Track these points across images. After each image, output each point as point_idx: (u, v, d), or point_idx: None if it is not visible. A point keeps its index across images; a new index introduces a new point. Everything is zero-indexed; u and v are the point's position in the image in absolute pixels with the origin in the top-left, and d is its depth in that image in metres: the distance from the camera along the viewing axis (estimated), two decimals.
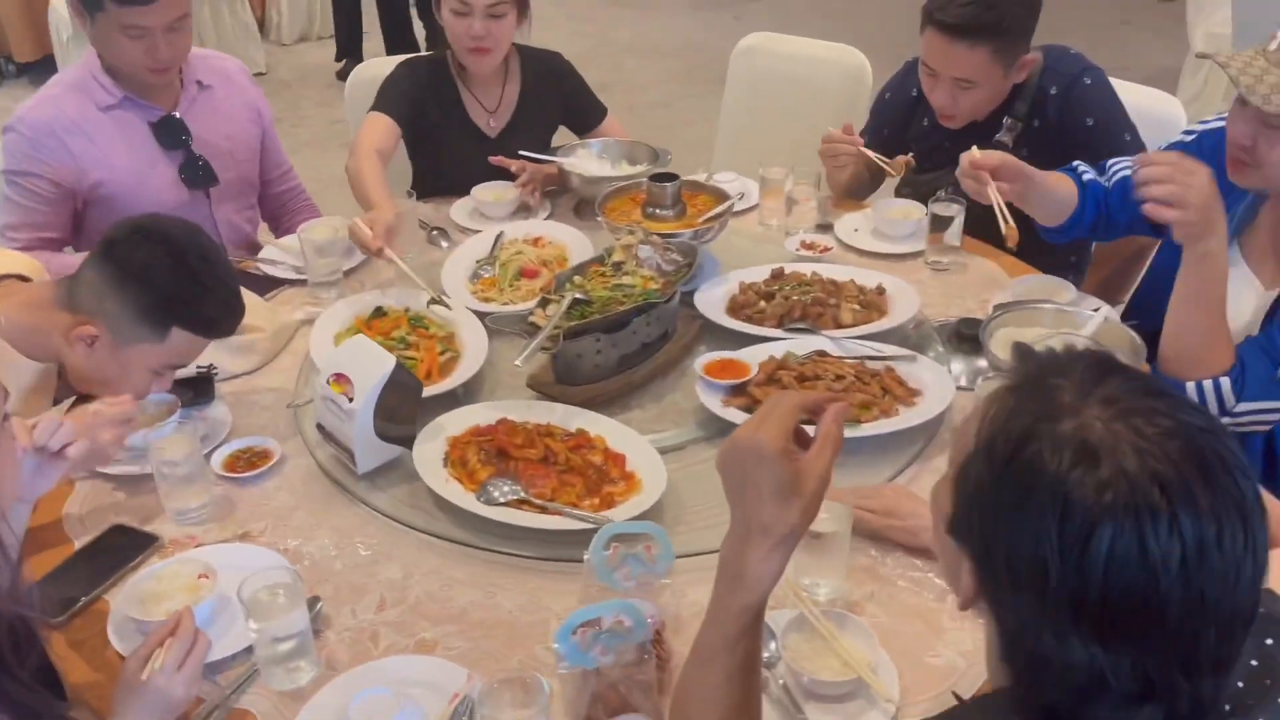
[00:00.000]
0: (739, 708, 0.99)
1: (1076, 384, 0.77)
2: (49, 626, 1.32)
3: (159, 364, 1.57)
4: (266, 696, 1.24)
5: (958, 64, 2.08)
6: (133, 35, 1.99)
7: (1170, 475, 0.72)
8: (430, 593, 1.38)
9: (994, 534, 0.77)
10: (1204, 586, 0.72)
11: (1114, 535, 0.72)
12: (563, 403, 1.68)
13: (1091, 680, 0.75)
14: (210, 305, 1.57)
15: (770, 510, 0.94)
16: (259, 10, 6.26)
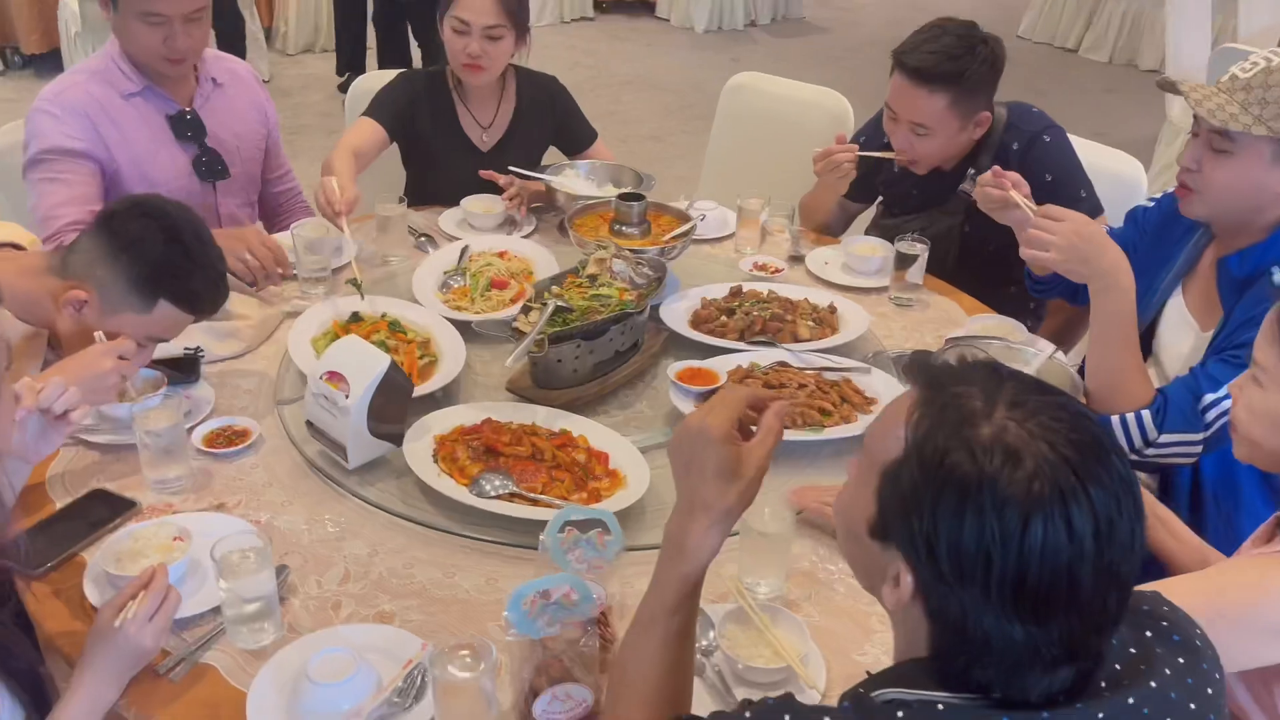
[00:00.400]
0: (672, 671, 1.07)
1: (981, 392, 0.86)
2: (28, 577, 1.38)
3: (142, 334, 1.64)
4: (230, 654, 1.31)
5: (916, 108, 2.20)
6: (152, 23, 2.07)
7: (1077, 460, 0.82)
8: (393, 569, 1.46)
9: (935, 535, 0.84)
10: (1112, 554, 0.82)
11: (1045, 520, 0.80)
12: (542, 405, 1.76)
13: (1025, 653, 0.83)
14: (197, 281, 1.64)
15: (712, 489, 1.03)
16: (266, 20, 6.38)
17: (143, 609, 1.23)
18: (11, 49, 5.88)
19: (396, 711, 1.22)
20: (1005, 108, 2.36)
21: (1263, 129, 1.63)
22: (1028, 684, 0.85)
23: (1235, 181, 1.69)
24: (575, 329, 1.78)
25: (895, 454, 0.88)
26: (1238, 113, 1.63)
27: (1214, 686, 0.92)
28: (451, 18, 2.37)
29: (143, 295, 1.61)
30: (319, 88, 5.94)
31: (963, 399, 0.86)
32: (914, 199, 2.48)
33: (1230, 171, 1.68)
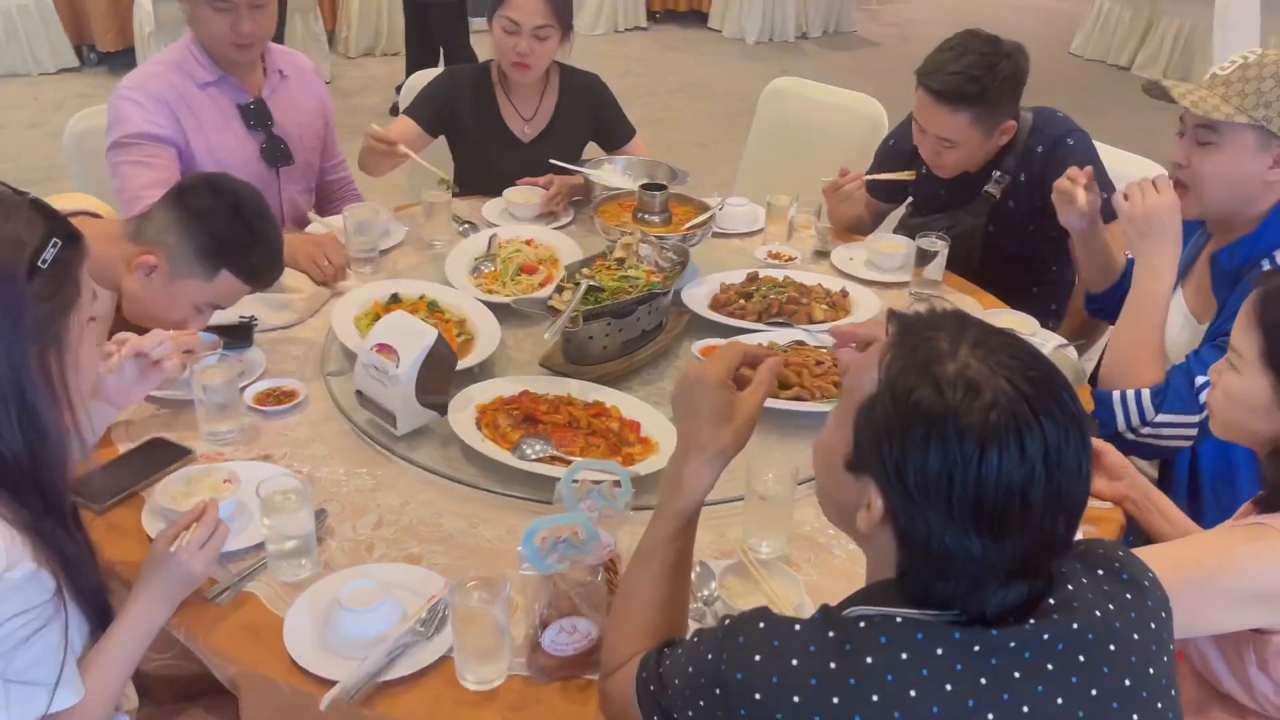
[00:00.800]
0: (668, 600, 1.18)
1: (949, 335, 0.96)
2: (94, 511, 1.53)
3: (203, 300, 1.78)
4: (270, 584, 1.44)
5: (941, 125, 2.27)
6: (219, 9, 2.22)
7: (1032, 394, 0.91)
8: (422, 518, 1.58)
9: (905, 460, 0.93)
10: (1060, 480, 0.91)
11: (1001, 447, 0.90)
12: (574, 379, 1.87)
13: (983, 568, 0.93)
14: (257, 255, 1.78)
15: (707, 430, 1.14)
16: (329, 23, 6.60)
17: (194, 538, 1.35)
18: (88, 47, 6.17)
19: (419, 639, 1.33)
20: (1031, 113, 2.42)
21: (1244, 117, 1.71)
22: (985, 597, 0.93)
23: (1223, 171, 1.77)
24: (606, 308, 1.89)
25: (870, 391, 0.97)
26: (1219, 104, 1.71)
27: (1157, 621, 1.00)
28: (502, 17, 2.50)
29: (207, 265, 1.74)
30: (377, 90, 6.14)
31: (931, 340, 0.95)
32: (941, 199, 2.55)
33: (1217, 162, 1.76)
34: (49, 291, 1.19)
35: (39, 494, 1.20)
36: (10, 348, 1.15)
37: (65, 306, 1.22)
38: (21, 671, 1.14)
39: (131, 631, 1.31)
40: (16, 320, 1.15)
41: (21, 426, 1.17)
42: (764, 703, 0.94)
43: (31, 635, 1.14)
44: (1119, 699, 0.95)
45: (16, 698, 1.14)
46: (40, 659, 1.16)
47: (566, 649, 1.28)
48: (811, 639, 0.95)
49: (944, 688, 0.91)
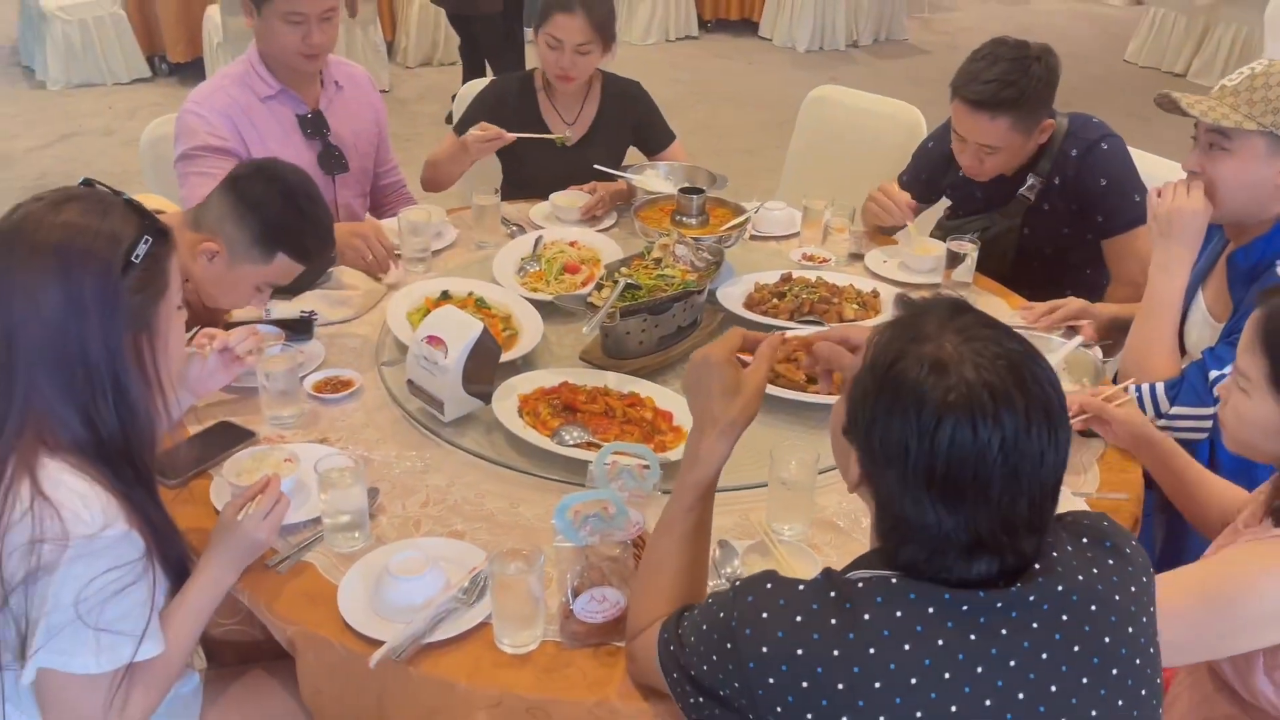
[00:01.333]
0: (688, 566, 1.29)
1: (938, 319, 1.04)
2: (168, 486, 1.66)
3: (261, 281, 1.91)
4: (326, 555, 1.55)
5: (981, 132, 2.33)
6: (293, 21, 2.36)
7: (996, 383, 0.99)
8: (467, 498, 1.69)
9: (872, 427, 1.04)
10: (1018, 465, 0.98)
11: (954, 425, 0.98)
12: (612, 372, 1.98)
13: (938, 536, 1.01)
14: (309, 238, 1.90)
15: (717, 405, 1.25)
16: (389, 34, 6.80)
17: (259, 508, 1.47)
18: (160, 57, 6.42)
19: (461, 606, 1.44)
20: (1067, 118, 2.47)
21: (1253, 124, 1.77)
22: (946, 565, 1.02)
23: (1236, 176, 1.83)
24: (643, 304, 1.99)
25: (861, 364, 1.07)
26: (1228, 112, 1.77)
27: (1138, 585, 1.07)
28: (546, 34, 2.62)
29: (264, 249, 1.86)
30: (434, 98, 6.31)
31: (920, 322, 1.04)
32: (977, 201, 2.61)
33: (1230, 168, 1.83)
34: (142, 283, 1.31)
35: (130, 466, 1.32)
36: (108, 335, 1.28)
37: (156, 296, 1.34)
38: (112, 622, 1.26)
39: (202, 592, 1.43)
40: (114, 309, 1.28)
41: (116, 406, 1.30)
42: (771, 655, 1.03)
43: (122, 590, 1.26)
44: (1099, 655, 1.02)
45: (106, 645, 1.26)
46: (129, 612, 1.28)
47: (596, 616, 1.38)
48: (814, 598, 1.05)
49: (935, 643, 1.00)
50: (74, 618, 1.23)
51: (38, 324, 1.25)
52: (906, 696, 0.98)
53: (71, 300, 1.26)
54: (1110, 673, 1.03)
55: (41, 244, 1.26)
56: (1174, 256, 1.89)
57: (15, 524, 1.22)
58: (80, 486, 1.26)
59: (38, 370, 1.26)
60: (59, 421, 1.28)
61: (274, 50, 2.45)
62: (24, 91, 6.17)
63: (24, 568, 1.22)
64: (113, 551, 1.25)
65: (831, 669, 1.00)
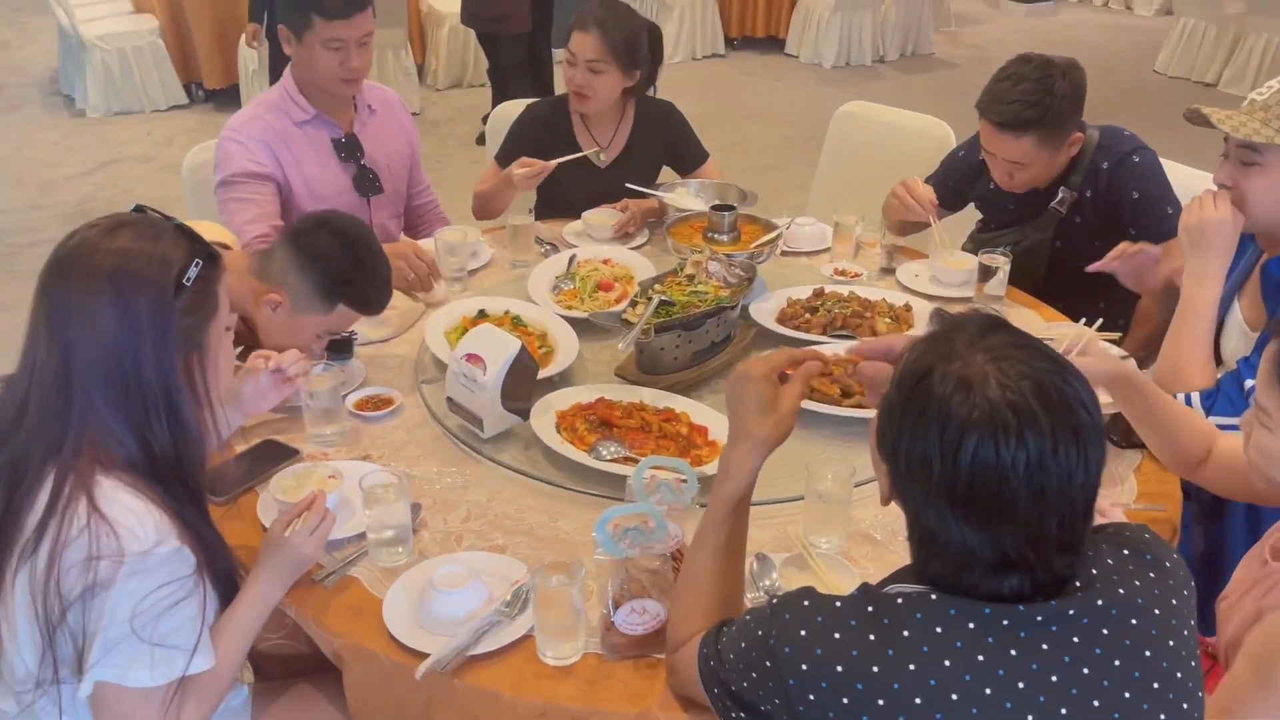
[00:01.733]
0: (722, 578, 1.31)
1: (969, 336, 1.05)
2: (216, 504, 1.70)
3: (321, 330, 1.98)
4: (371, 570, 1.59)
5: (1008, 150, 2.34)
6: (333, 47, 2.42)
7: (1020, 404, 0.99)
8: (507, 513, 1.72)
9: (899, 442, 1.05)
10: (1044, 485, 0.99)
11: (977, 443, 0.99)
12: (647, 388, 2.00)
13: (964, 552, 1.02)
14: (369, 289, 1.96)
15: (752, 419, 1.27)
16: (419, 57, 6.90)
17: (305, 524, 1.51)
18: (196, 84, 6.55)
19: (503, 619, 1.46)
20: (1098, 130, 2.47)
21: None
22: (974, 581, 1.03)
23: (1268, 190, 1.84)
24: (676, 320, 2.01)
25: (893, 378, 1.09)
26: (1259, 127, 1.78)
27: (1179, 599, 1.08)
28: (566, 50, 2.70)
29: (325, 300, 1.93)
30: (465, 120, 6.39)
31: (952, 339, 1.05)
32: (1009, 214, 2.62)
33: (1261, 181, 1.84)
34: (193, 305, 1.35)
35: (182, 484, 1.36)
36: (161, 355, 1.32)
37: (206, 318, 1.39)
38: (165, 636, 1.30)
39: (251, 607, 1.47)
40: (166, 330, 1.32)
41: (169, 424, 1.34)
42: (810, 672, 1.04)
43: (175, 604, 1.30)
44: (1141, 669, 1.03)
45: (160, 659, 1.30)
46: (181, 626, 1.32)
47: (637, 628, 1.40)
48: (852, 614, 1.06)
49: (976, 658, 1.01)
50: (129, 632, 1.27)
51: (94, 345, 1.30)
52: (947, 712, 0.99)
53: (126, 322, 1.30)
54: (1152, 686, 1.03)
55: (97, 269, 1.30)
56: (1206, 267, 1.89)
57: (73, 541, 1.26)
58: (135, 504, 1.30)
59: (93, 390, 1.30)
60: (114, 439, 1.32)
61: (313, 76, 2.50)
62: (65, 120, 6.31)
63: (81, 584, 1.26)
64: (166, 567, 1.29)
65: (871, 685, 1.01)
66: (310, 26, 2.41)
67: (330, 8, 2.39)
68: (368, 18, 2.45)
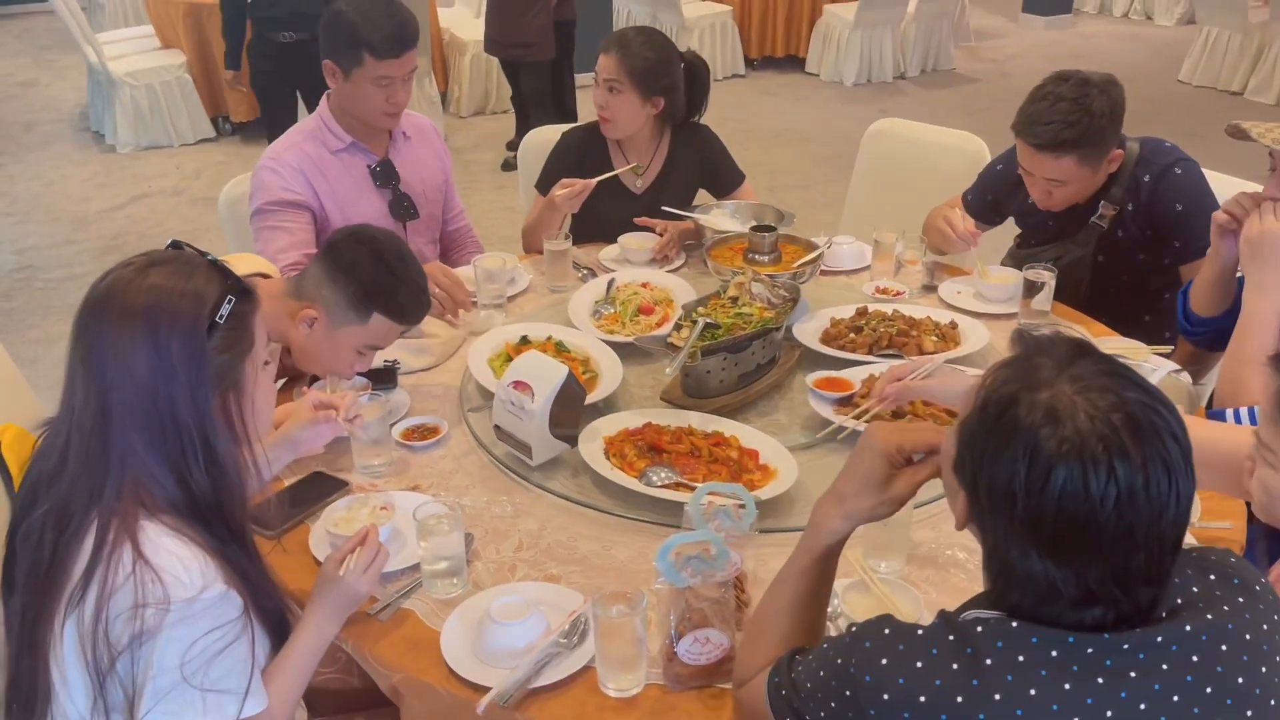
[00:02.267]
0: (796, 629, 1.27)
1: (1055, 363, 1.02)
2: (268, 538, 1.69)
3: (361, 343, 1.95)
4: (426, 601, 1.57)
5: (1047, 170, 2.32)
6: (381, 85, 2.44)
7: (1110, 436, 0.96)
8: (560, 541, 1.70)
9: (981, 470, 1.02)
10: (1133, 520, 0.96)
11: (1065, 477, 0.96)
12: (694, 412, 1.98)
13: (1046, 587, 1.00)
14: (403, 295, 1.93)
15: (854, 487, 1.25)
16: (442, 85, 6.95)
17: (359, 561, 1.49)
18: (223, 118, 6.61)
19: (563, 650, 1.44)
20: (1138, 142, 2.44)
21: None
22: (1054, 614, 1.00)
23: None
24: (722, 343, 2.00)
25: (974, 404, 1.06)
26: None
27: (1270, 624, 1.04)
28: (595, 74, 2.69)
29: (360, 311, 1.91)
30: (489, 147, 6.42)
31: (1036, 365, 1.03)
32: (1049, 229, 2.59)
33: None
34: (228, 343, 1.34)
35: (224, 524, 1.34)
36: (196, 394, 1.30)
37: (242, 355, 1.37)
38: (216, 681, 1.28)
39: (306, 645, 1.45)
40: (201, 368, 1.30)
41: (207, 465, 1.32)
42: (892, 702, 1.02)
43: (224, 649, 1.28)
44: (1233, 695, 1.00)
45: (212, 705, 1.28)
46: (231, 670, 1.30)
47: (701, 658, 1.38)
48: (933, 642, 1.03)
49: (1062, 686, 0.98)
50: (180, 680, 1.25)
51: (131, 386, 1.28)
52: None
53: (160, 361, 1.28)
54: (1245, 714, 1.00)
55: (130, 308, 1.28)
56: (1267, 278, 1.86)
57: (119, 588, 1.24)
58: (179, 549, 1.28)
59: (132, 432, 1.28)
60: (154, 481, 1.30)
61: (358, 110, 2.51)
62: (95, 155, 6.38)
63: (128, 632, 1.23)
64: (213, 612, 1.27)
65: (955, 715, 0.99)
66: (361, 64, 2.42)
67: (383, 48, 2.40)
68: (415, 54, 2.47)
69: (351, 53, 2.42)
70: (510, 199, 5.43)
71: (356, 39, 2.41)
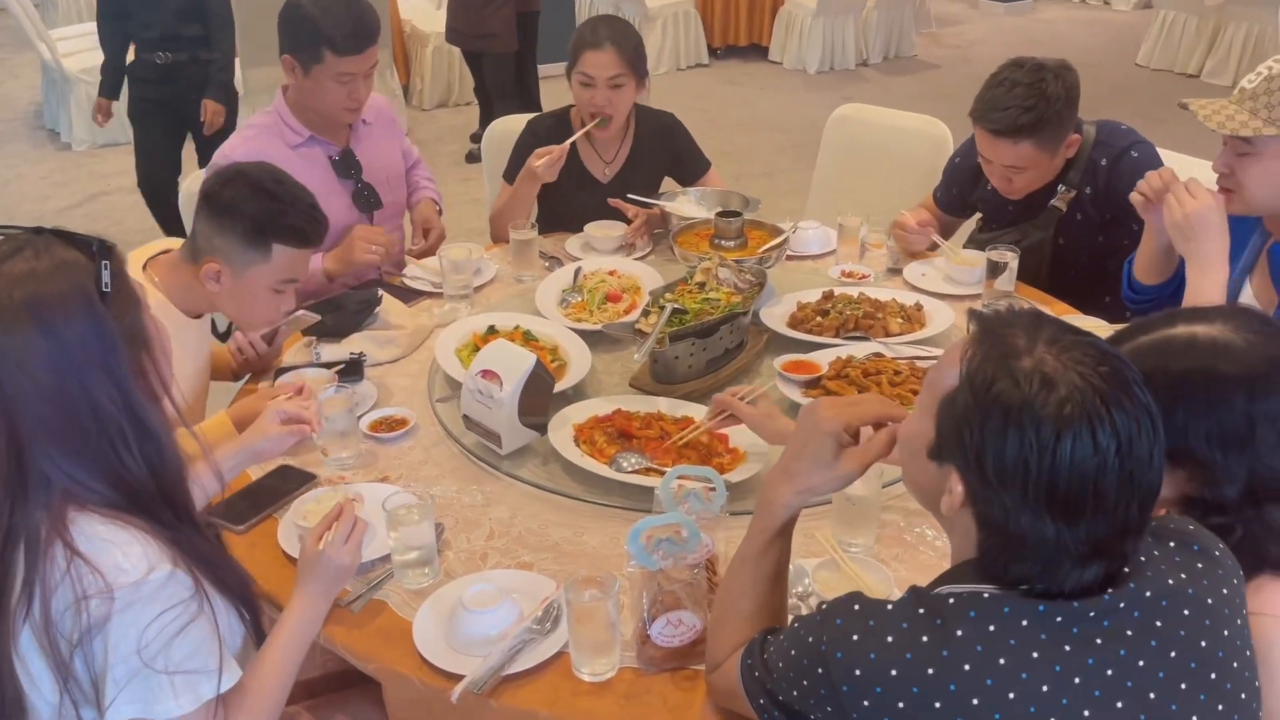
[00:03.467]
0: (761, 608, 1.29)
1: (1026, 332, 1.04)
2: (235, 533, 1.67)
3: (274, 281, 1.89)
4: (398, 592, 1.56)
5: (1005, 156, 2.34)
6: (342, 81, 2.41)
7: (1104, 389, 0.98)
8: (531, 529, 1.70)
9: (983, 448, 1.01)
10: (1133, 469, 0.98)
11: (1074, 438, 0.97)
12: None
13: (1057, 549, 1.01)
14: (294, 216, 1.88)
15: (804, 466, 1.25)
16: (404, 78, 6.89)
17: (338, 534, 1.46)
18: None
19: (536, 637, 1.44)
20: (1095, 126, 2.47)
21: (1273, 129, 1.79)
22: (1061, 576, 1.01)
23: (1264, 178, 1.85)
24: (690, 328, 2.00)
25: (952, 384, 1.06)
26: (1247, 119, 1.79)
27: (1229, 588, 1.06)
28: (578, 73, 2.64)
29: (258, 247, 1.85)
30: (452, 139, 6.37)
31: (1008, 337, 1.04)
32: (1009, 214, 2.61)
33: (1256, 170, 1.85)
34: (122, 304, 1.26)
35: (169, 508, 1.28)
36: (111, 373, 1.22)
37: (138, 308, 1.28)
38: (181, 663, 1.23)
39: (294, 627, 1.42)
40: (106, 342, 1.21)
41: (141, 446, 1.24)
42: (864, 677, 1.03)
43: (182, 630, 1.23)
44: (1196, 659, 1.01)
45: (183, 686, 1.24)
46: (196, 649, 1.25)
47: (673, 640, 1.38)
48: (904, 616, 1.04)
49: (1031, 655, 0.99)
50: (140, 665, 1.21)
51: (35, 395, 1.18)
52: (1004, 712, 0.98)
53: (61, 352, 1.18)
54: (1209, 677, 1.02)
55: (7, 308, 1.17)
56: (1206, 253, 1.89)
57: (58, 587, 1.19)
58: (115, 535, 1.22)
59: (49, 448, 1.20)
60: (86, 490, 1.23)
61: (319, 106, 2.48)
62: (50, 154, 6.27)
63: (77, 628, 1.19)
64: (162, 594, 1.22)
65: (927, 688, 1.00)
66: (320, 61, 2.39)
67: (344, 44, 2.38)
68: (376, 49, 2.45)
69: (311, 49, 2.39)
70: (475, 191, 5.40)
71: (316, 35, 2.38)
